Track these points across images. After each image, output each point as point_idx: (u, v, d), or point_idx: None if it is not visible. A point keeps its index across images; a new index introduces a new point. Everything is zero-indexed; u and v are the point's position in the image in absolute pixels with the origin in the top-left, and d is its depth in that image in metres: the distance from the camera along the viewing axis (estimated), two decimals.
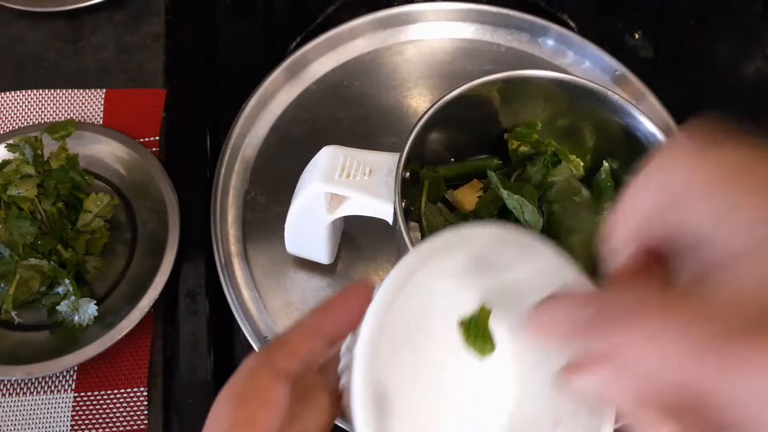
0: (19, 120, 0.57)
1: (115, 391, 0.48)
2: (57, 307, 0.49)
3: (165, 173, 0.54)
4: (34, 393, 0.48)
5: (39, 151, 0.52)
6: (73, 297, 0.49)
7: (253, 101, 0.58)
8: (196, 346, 0.50)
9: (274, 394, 0.26)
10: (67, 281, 0.49)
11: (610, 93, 0.45)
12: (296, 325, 0.29)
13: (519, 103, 0.49)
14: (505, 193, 0.45)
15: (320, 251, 0.51)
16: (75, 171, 0.52)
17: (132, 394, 0.48)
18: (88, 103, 0.58)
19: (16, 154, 0.52)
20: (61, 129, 0.52)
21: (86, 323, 0.49)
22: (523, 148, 0.49)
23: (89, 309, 0.49)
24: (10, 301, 0.48)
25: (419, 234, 0.47)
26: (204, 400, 0.48)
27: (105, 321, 0.49)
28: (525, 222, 0.45)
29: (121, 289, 0.51)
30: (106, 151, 0.55)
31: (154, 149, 0.56)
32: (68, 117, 0.57)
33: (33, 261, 0.49)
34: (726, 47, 0.68)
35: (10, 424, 0.47)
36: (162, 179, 0.53)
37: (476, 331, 0.26)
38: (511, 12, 0.62)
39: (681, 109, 0.59)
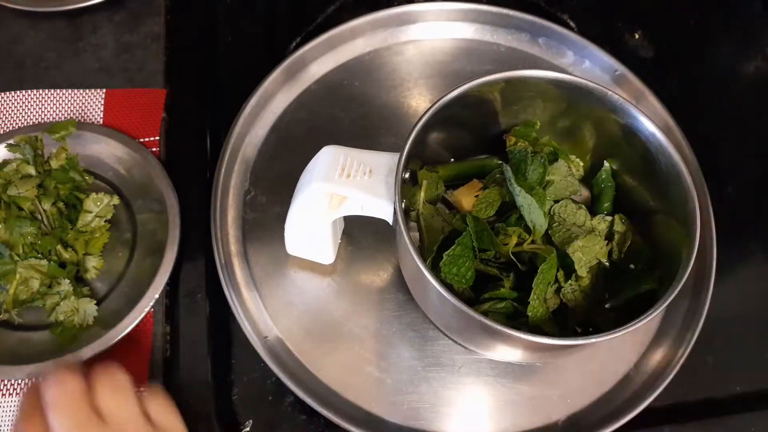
0: (19, 120, 0.57)
1: None
2: (57, 308, 0.49)
3: (165, 173, 0.54)
4: None
5: (39, 151, 0.52)
6: (73, 297, 0.49)
7: (252, 101, 0.58)
8: (196, 346, 0.50)
9: None
10: (67, 281, 0.49)
11: (610, 93, 0.45)
12: None
13: (519, 103, 0.49)
14: (517, 189, 0.44)
15: (320, 251, 0.51)
16: (75, 171, 0.52)
17: None
18: (88, 103, 0.58)
19: (17, 154, 0.52)
20: (62, 129, 0.53)
21: (86, 323, 0.49)
22: (521, 145, 0.49)
23: (89, 309, 0.49)
24: (10, 301, 0.48)
25: (418, 234, 0.47)
26: (204, 400, 0.48)
27: (105, 321, 0.49)
28: (530, 222, 0.45)
29: (121, 289, 0.51)
30: (106, 151, 0.55)
31: (154, 149, 0.56)
32: (68, 117, 0.57)
33: (33, 261, 0.49)
34: (726, 47, 0.68)
35: (10, 424, 0.47)
36: (162, 179, 0.53)
37: None
38: (511, 12, 0.62)
39: (681, 109, 0.59)
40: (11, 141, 0.52)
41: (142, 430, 0.39)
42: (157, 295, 0.49)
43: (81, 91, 0.58)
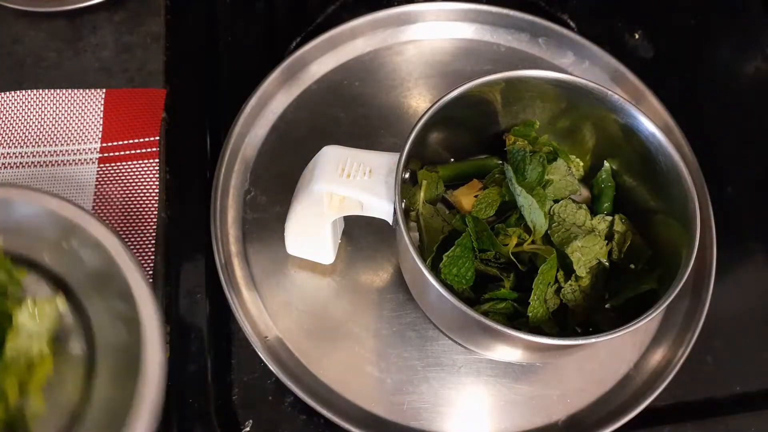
0: (19, 120, 0.57)
1: None
2: None
3: (133, 257, 0.37)
4: None
5: None
6: None
7: (252, 101, 0.58)
8: (196, 346, 0.50)
9: None
10: None
11: (610, 93, 0.45)
12: None
13: (519, 103, 0.49)
14: (518, 189, 0.45)
15: (320, 251, 0.51)
16: (0, 269, 0.35)
17: None
18: (88, 103, 0.58)
19: None
20: None
21: None
22: (519, 144, 0.49)
23: None
24: None
25: (418, 234, 0.47)
26: (204, 400, 0.48)
27: None
28: (530, 222, 0.45)
29: None
30: (44, 222, 0.37)
31: (153, 149, 0.56)
32: (68, 117, 0.57)
33: None
34: (726, 47, 0.68)
35: None
36: (129, 266, 0.36)
37: None
38: (511, 12, 0.62)
39: (681, 109, 0.59)
40: None
41: None
42: None
43: (81, 91, 0.58)
